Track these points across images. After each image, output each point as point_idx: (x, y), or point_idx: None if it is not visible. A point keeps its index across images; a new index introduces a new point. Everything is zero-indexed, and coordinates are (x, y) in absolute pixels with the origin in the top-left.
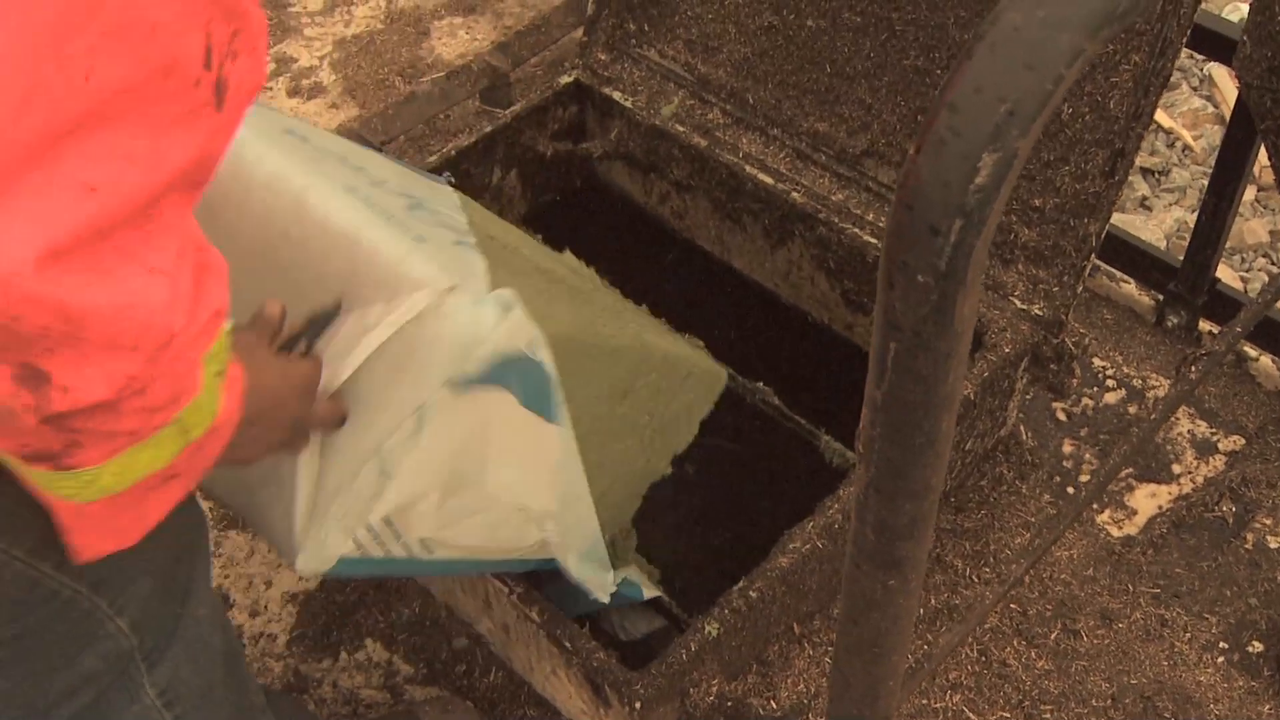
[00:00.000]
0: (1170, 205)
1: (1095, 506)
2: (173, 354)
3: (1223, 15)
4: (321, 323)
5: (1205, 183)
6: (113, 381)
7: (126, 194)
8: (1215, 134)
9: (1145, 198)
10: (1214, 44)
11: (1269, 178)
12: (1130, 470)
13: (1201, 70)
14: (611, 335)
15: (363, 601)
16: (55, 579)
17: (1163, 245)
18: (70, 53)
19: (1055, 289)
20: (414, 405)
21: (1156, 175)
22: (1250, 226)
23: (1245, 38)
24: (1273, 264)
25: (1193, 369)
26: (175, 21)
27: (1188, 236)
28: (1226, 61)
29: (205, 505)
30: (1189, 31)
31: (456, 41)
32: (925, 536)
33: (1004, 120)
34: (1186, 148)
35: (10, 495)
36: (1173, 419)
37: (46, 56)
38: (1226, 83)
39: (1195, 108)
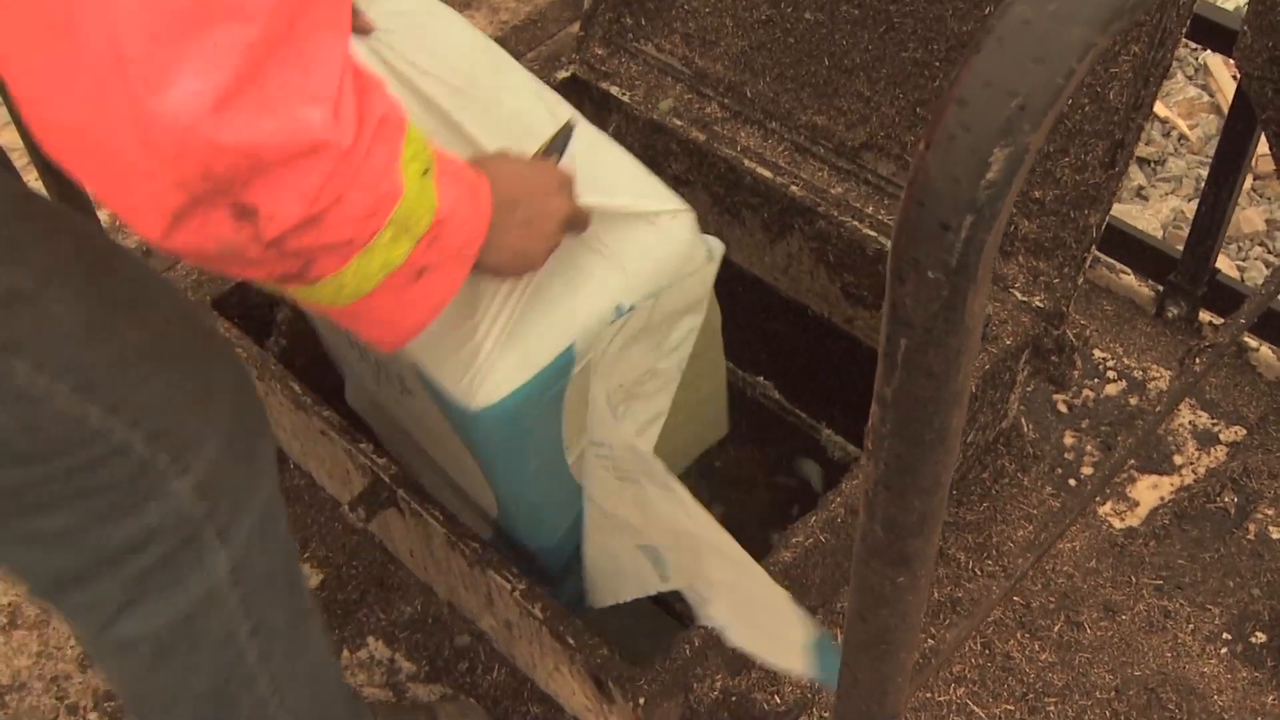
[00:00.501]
0: (1166, 195)
1: (1097, 498)
2: (353, 164)
3: (1218, 5)
4: (563, 139)
5: (1201, 172)
6: (305, 199)
7: (276, 35)
8: (1211, 123)
9: (1141, 187)
10: (1213, 34)
11: (1265, 166)
12: (1132, 462)
13: (1196, 59)
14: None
15: (364, 599)
16: (106, 422)
17: (1159, 235)
18: None
19: (1056, 281)
20: (618, 299)
21: (1152, 165)
22: (1247, 215)
23: (1245, 28)
24: (1269, 252)
25: (1196, 361)
26: None
27: (1184, 226)
28: (1226, 52)
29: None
30: (1188, 22)
31: None
32: (934, 533)
33: (1015, 115)
34: (1182, 137)
35: (57, 329)
36: (1156, 411)
37: None
38: (1222, 72)
39: (1191, 97)
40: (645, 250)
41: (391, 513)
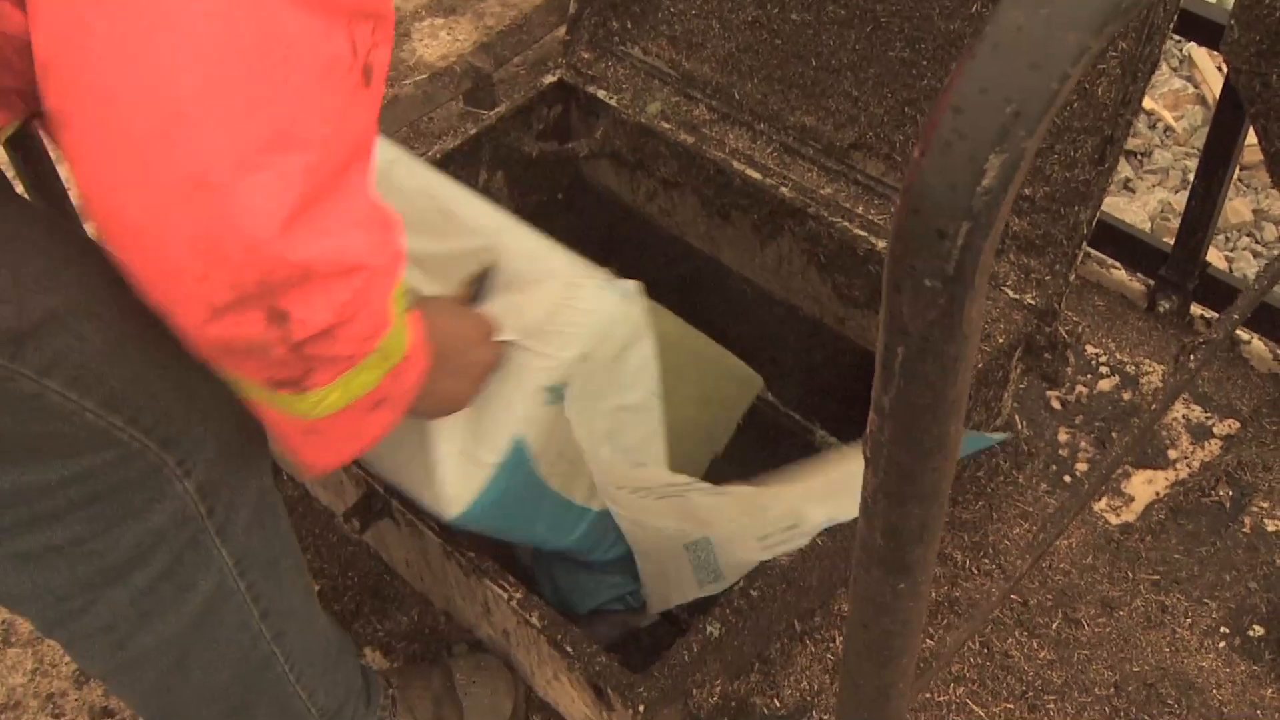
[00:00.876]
0: (1153, 187)
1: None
2: (370, 287)
3: None
4: (481, 283)
5: (1188, 163)
6: (333, 309)
7: (330, 165)
8: (1197, 114)
9: (1128, 179)
10: (1200, 28)
11: (1251, 156)
12: (1126, 456)
13: (1181, 51)
14: (684, 334)
15: (360, 610)
16: (125, 431)
17: (1147, 227)
18: (269, 68)
19: (1047, 278)
20: (548, 380)
21: (1139, 157)
22: (1234, 206)
23: (1232, 22)
24: (1257, 242)
25: (1191, 358)
26: (326, 29)
27: (1172, 217)
28: (1213, 46)
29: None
30: (1175, 16)
31: (438, 43)
32: (935, 540)
33: (1010, 121)
34: (1168, 129)
35: (89, 349)
36: (1152, 409)
37: (258, 73)
38: (1207, 63)
39: (1176, 88)
40: (558, 328)
41: (386, 523)
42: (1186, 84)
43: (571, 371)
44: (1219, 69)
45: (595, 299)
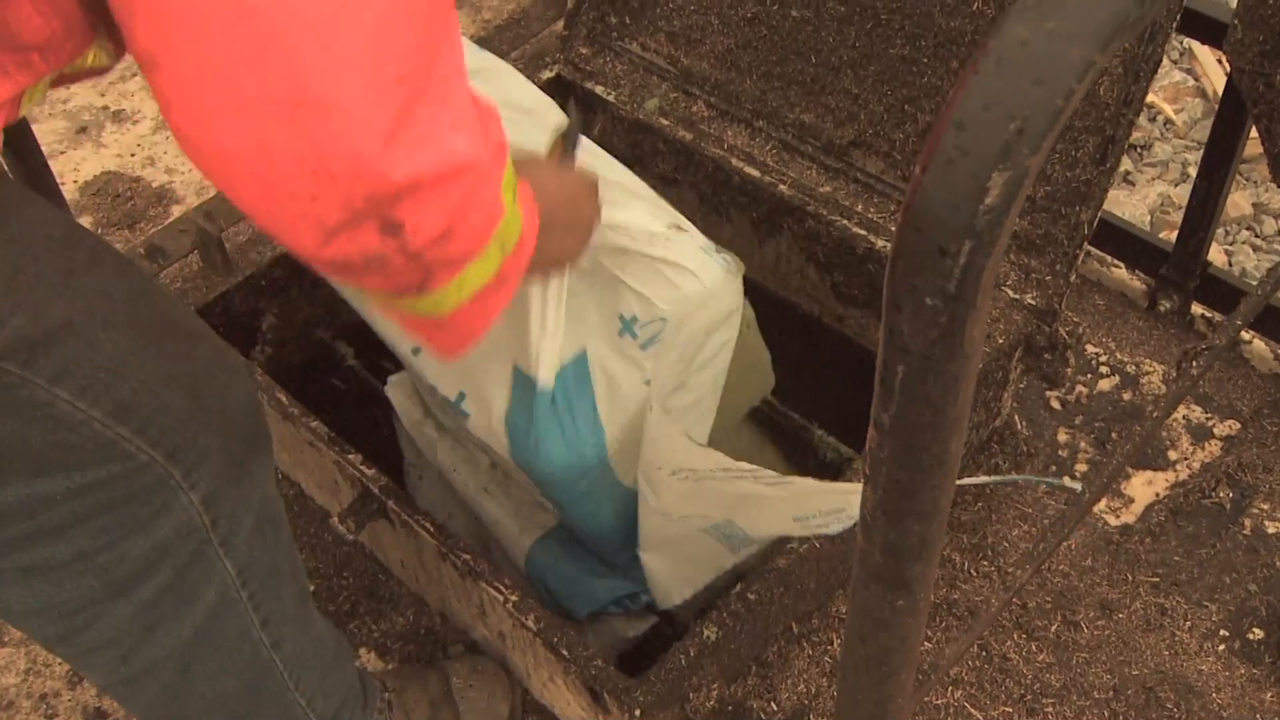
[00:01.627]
0: (1153, 180)
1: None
2: (479, 185)
3: None
4: (573, 136)
5: (1188, 156)
6: (446, 214)
7: (422, 72)
8: (1197, 108)
9: (1128, 173)
10: (1203, 27)
11: (1252, 149)
12: (1127, 463)
13: (1181, 44)
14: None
15: (355, 611)
16: (133, 443)
17: (1147, 220)
18: None
19: (1048, 278)
20: (627, 310)
21: (1139, 150)
22: (1233, 199)
23: (1236, 21)
24: (1256, 236)
25: (1194, 364)
26: None
27: (1172, 211)
28: (1216, 45)
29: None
30: (1178, 16)
31: None
32: (934, 557)
33: (1014, 138)
34: (1168, 122)
35: (100, 359)
36: (1154, 415)
37: None
38: (1207, 57)
39: (1176, 81)
40: (657, 271)
41: (381, 524)
42: (1187, 77)
43: (655, 325)
44: (1219, 62)
45: (699, 261)
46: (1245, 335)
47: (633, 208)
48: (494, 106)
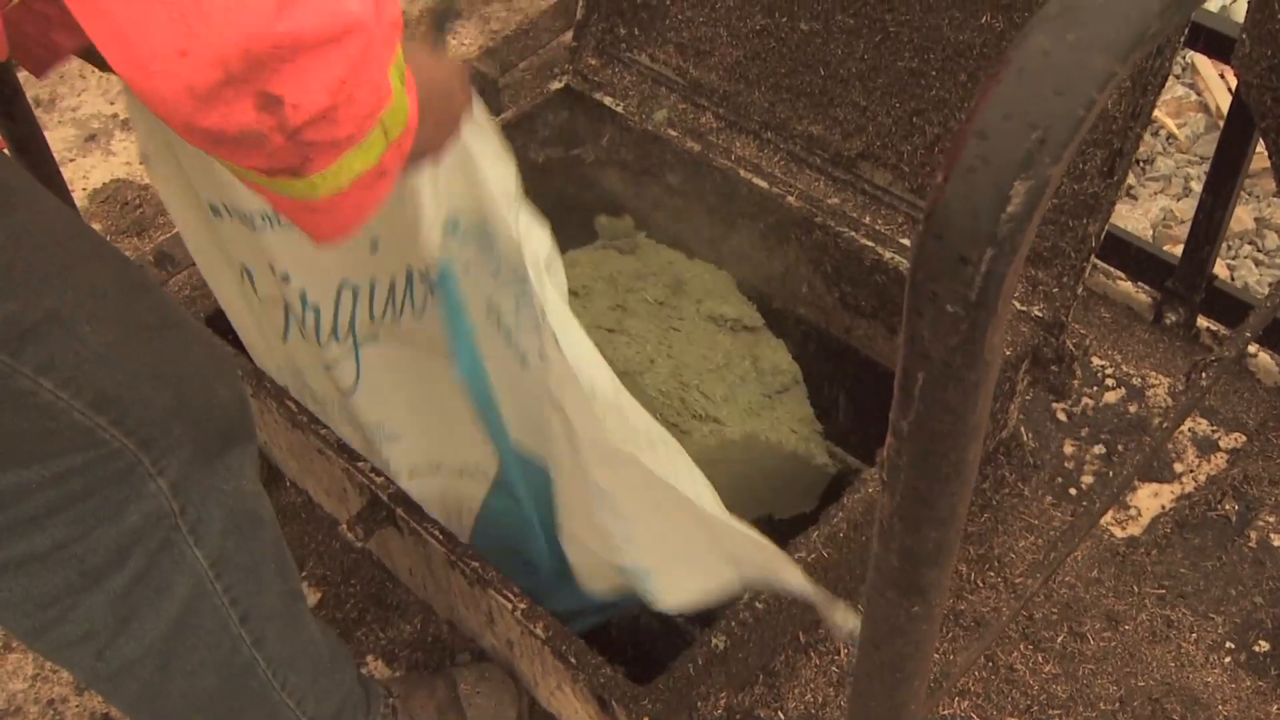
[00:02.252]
0: (1156, 194)
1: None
2: (366, 57)
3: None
4: (448, 16)
5: (1190, 170)
6: (329, 88)
7: None
8: (1199, 122)
9: (1130, 187)
10: (1211, 42)
11: (1256, 164)
12: (1135, 476)
13: (1184, 59)
14: None
15: (363, 618)
16: (108, 431)
17: (1149, 234)
18: None
19: (1055, 290)
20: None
21: (1141, 164)
22: (1235, 214)
23: (1244, 36)
24: (1259, 250)
25: (1204, 375)
26: None
27: (1174, 225)
28: (1224, 59)
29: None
30: (1186, 29)
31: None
32: (950, 563)
33: (1035, 147)
34: (1171, 136)
35: (85, 351)
36: (1163, 426)
37: None
38: (1210, 71)
39: (1179, 96)
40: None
41: (390, 531)
42: (1189, 91)
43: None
44: (1222, 77)
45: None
46: (1251, 349)
47: None
48: None
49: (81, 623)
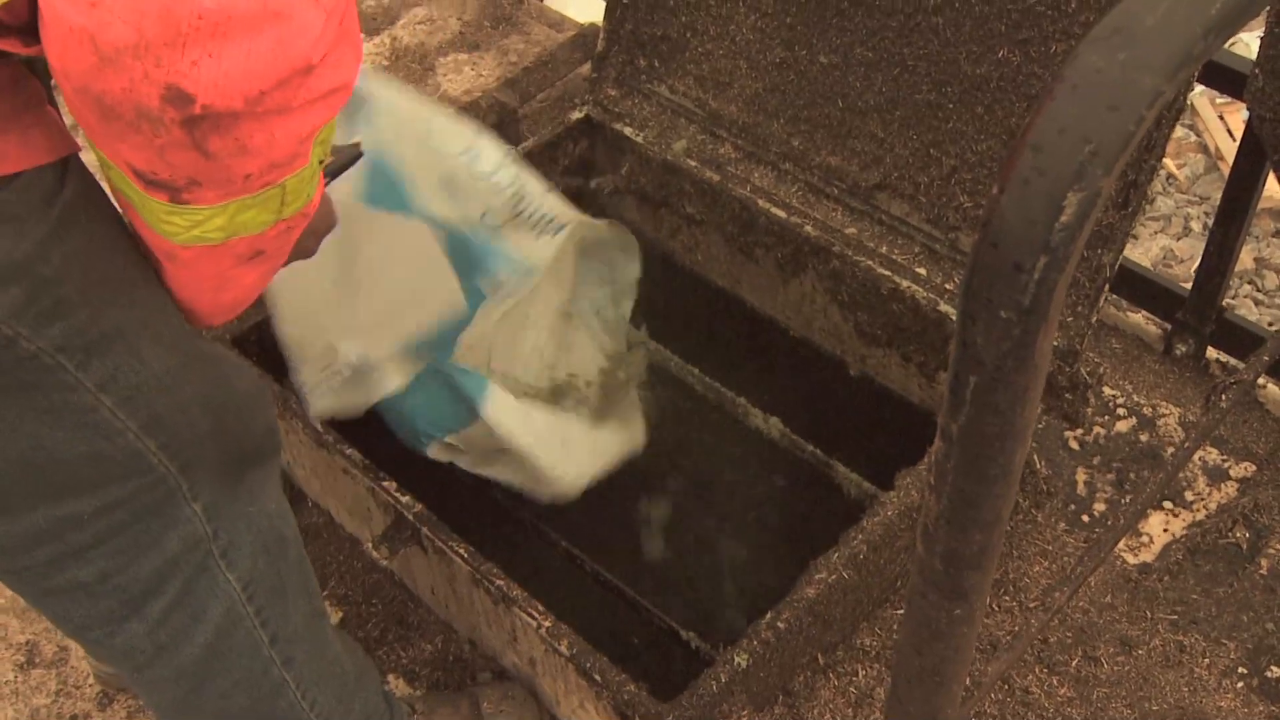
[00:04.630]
0: (1156, 234)
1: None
2: (298, 93)
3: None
4: (346, 162)
5: (1190, 210)
6: (246, 94)
7: None
8: (1199, 163)
9: None
10: (1223, 77)
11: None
12: (1152, 501)
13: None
14: None
15: (384, 638)
16: (157, 456)
17: None
18: None
19: (1070, 319)
20: None
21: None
22: None
23: (1256, 70)
24: (1258, 290)
25: (1223, 397)
26: None
27: (1174, 264)
28: (1236, 95)
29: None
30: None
31: (462, 78)
32: (992, 566)
33: (1088, 160)
34: (1170, 176)
35: (145, 371)
36: (1184, 446)
37: None
38: (1209, 112)
39: (1178, 136)
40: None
41: (414, 550)
42: (1188, 132)
43: None
44: (1220, 118)
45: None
46: (1261, 380)
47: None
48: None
49: (120, 647)
